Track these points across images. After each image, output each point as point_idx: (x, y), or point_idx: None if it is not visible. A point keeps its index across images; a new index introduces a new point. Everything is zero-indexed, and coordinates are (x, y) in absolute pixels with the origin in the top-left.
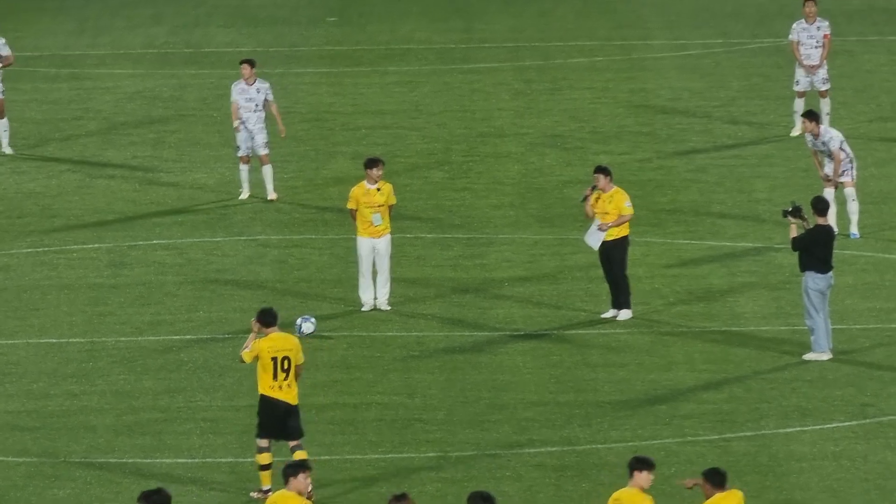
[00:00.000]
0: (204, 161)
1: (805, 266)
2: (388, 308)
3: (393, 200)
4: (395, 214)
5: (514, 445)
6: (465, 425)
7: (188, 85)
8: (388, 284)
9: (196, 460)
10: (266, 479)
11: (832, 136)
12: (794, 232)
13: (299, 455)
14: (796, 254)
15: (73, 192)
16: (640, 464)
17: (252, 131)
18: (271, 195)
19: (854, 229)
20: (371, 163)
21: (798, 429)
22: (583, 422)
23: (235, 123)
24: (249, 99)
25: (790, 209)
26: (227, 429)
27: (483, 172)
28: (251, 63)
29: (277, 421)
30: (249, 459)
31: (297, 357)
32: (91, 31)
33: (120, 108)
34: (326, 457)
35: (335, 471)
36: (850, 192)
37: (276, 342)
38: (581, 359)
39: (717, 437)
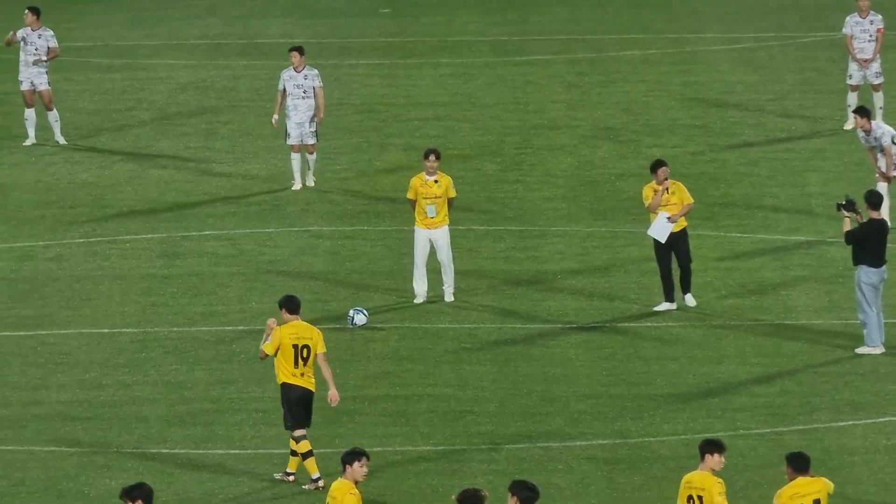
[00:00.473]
0: (256, 152)
1: (858, 260)
2: (452, 300)
3: (452, 193)
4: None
5: (566, 438)
6: (516, 417)
7: (241, 76)
8: (452, 277)
9: (248, 451)
10: (313, 466)
11: (884, 131)
12: (847, 226)
13: (305, 445)
14: (849, 247)
15: (125, 182)
16: (712, 446)
17: (302, 119)
18: (310, 181)
19: None
20: (425, 153)
21: (850, 423)
22: (635, 415)
23: (275, 118)
24: (298, 86)
25: (844, 203)
26: (279, 420)
27: (536, 165)
28: (300, 50)
29: (304, 408)
30: None
31: (319, 345)
32: (146, 21)
33: (173, 98)
34: (378, 448)
35: (387, 462)
36: None
37: (298, 329)
38: (633, 351)
39: (769, 430)
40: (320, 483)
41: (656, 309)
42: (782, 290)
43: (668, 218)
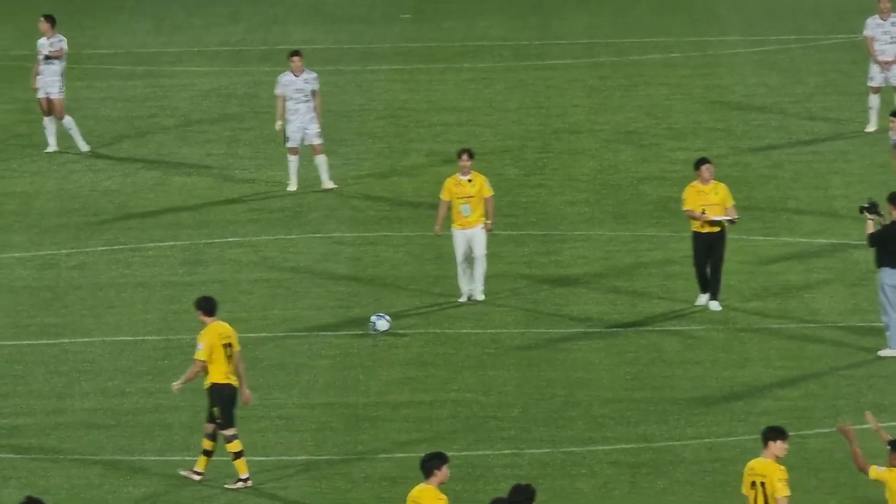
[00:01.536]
0: (278, 158)
1: (881, 262)
2: (482, 298)
3: (487, 192)
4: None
5: (589, 442)
6: (539, 422)
7: (263, 82)
8: (482, 275)
9: (271, 458)
10: (244, 466)
11: None
12: (870, 228)
13: (238, 445)
14: (872, 250)
15: (148, 189)
16: (775, 433)
17: (304, 122)
18: (327, 184)
19: None
20: (459, 153)
21: None
22: (658, 419)
23: (278, 125)
24: (298, 90)
25: (867, 205)
26: (303, 426)
27: (558, 169)
28: (300, 54)
29: (234, 406)
30: (325, 457)
31: (237, 343)
32: (168, 29)
33: (195, 105)
34: (401, 454)
35: (409, 468)
36: None
37: (223, 329)
38: (657, 355)
39: (793, 433)
40: (249, 483)
41: (697, 304)
42: (806, 292)
43: (730, 220)
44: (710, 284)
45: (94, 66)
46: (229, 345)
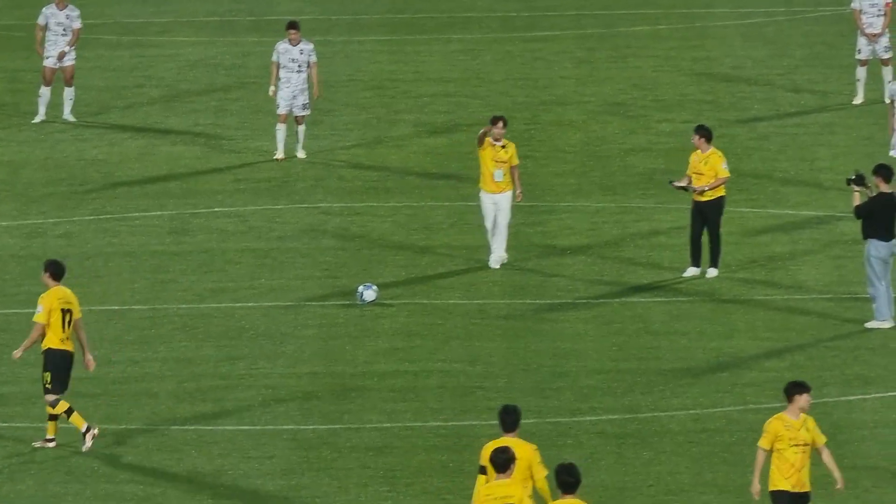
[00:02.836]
0: (265, 129)
1: (867, 234)
2: (497, 266)
3: (515, 161)
4: (456, 183)
5: (576, 413)
6: (526, 393)
7: (251, 52)
8: (504, 243)
9: (257, 427)
10: (80, 420)
11: None
12: (857, 200)
13: (64, 405)
14: (859, 222)
15: (135, 159)
16: (798, 387)
17: (294, 91)
18: (301, 153)
19: None
20: (492, 120)
21: (860, 397)
22: (644, 389)
23: (271, 90)
24: (293, 59)
25: (853, 177)
26: (289, 396)
27: (545, 140)
28: (296, 26)
29: (68, 372)
30: (311, 427)
31: (77, 310)
32: None
33: (182, 75)
34: (388, 424)
35: (396, 438)
36: None
37: (64, 294)
38: (643, 326)
39: (778, 405)
40: (53, 444)
41: (685, 275)
42: (792, 264)
43: (694, 188)
44: (710, 253)
45: (82, 37)
46: (69, 310)
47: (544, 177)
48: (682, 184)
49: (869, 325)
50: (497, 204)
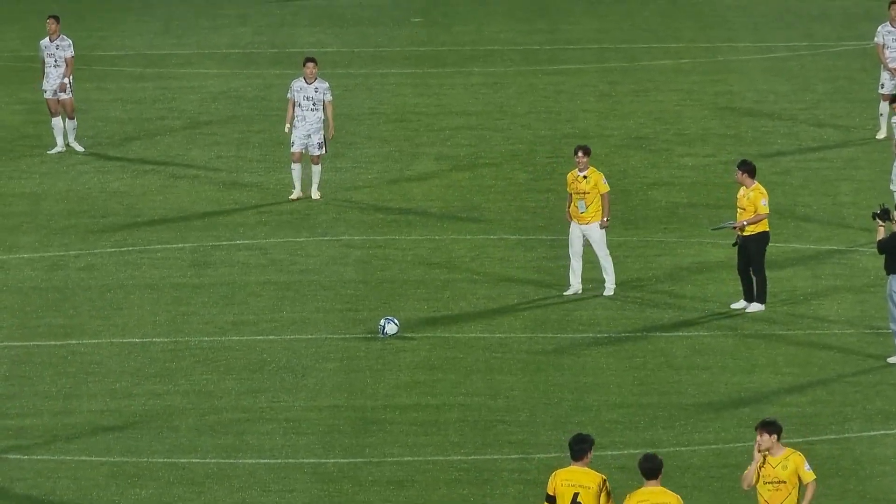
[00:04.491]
0: (288, 161)
1: (890, 269)
2: (611, 294)
3: (603, 189)
4: (479, 216)
5: (598, 447)
6: (547, 427)
7: (273, 85)
8: (610, 272)
9: (278, 461)
10: None
11: None
12: (880, 234)
13: None
14: (882, 257)
15: (156, 191)
16: (760, 426)
17: (309, 130)
18: (315, 195)
19: None
20: (575, 149)
21: (882, 432)
22: (666, 424)
23: (287, 128)
24: (308, 98)
25: (878, 212)
26: (310, 429)
27: (567, 174)
28: (315, 61)
29: None
30: (332, 460)
31: None
32: (176, 30)
33: (204, 107)
34: (409, 458)
35: (417, 472)
36: None
37: None
38: (664, 361)
39: (800, 440)
40: None
41: (733, 307)
42: (814, 299)
43: (733, 225)
44: (755, 288)
45: (104, 68)
46: None
47: (566, 211)
48: (722, 225)
49: (891, 360)
50: (586, 235)
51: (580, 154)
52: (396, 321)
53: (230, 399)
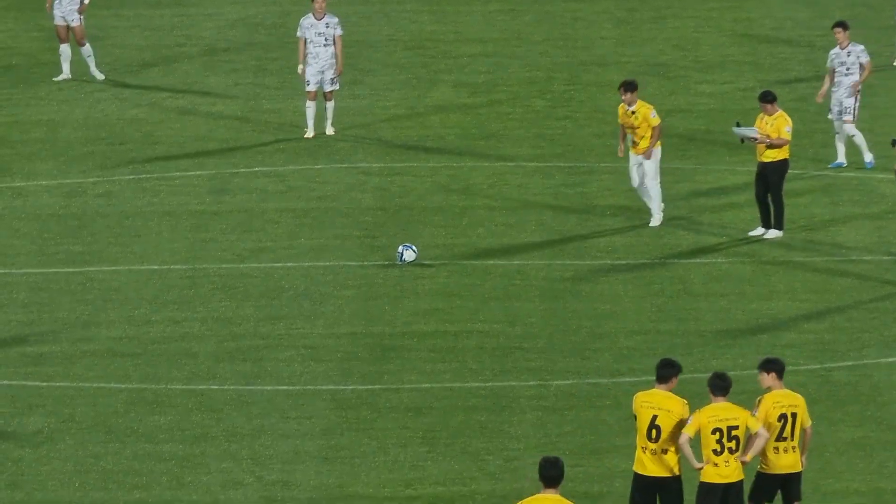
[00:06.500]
0: (304, 93)
1: None
2: (657, 224)
3: (653, 122)
4: (496, 143)
5: (615, 374)
6: (565, 354)
7: (290, 12)
8: (657, 202)
9: (297, 387)
10: None
11: None
12: None
13: None
14: None
15: (174, 118)
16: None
17: (322, 66)
18: (329, 130)
19: None
20: (619, 86)
21: None
22: (684, 351)
23: (300, 68)
24: (319, 34)
25: None
26: (328, 356)
27: (585, 101)
28: None
29: None
30: (350, 387)
31: None
32: None
33: (222, 34)
34: (427, 384)
35: (435, 398)
36: None
37: None
38: (682, 288)
39: (818, 366)
40: None
41: (751, 234)
42: (832, 226)
43: (755, 138)
44: (773, 215)
45: None
46: None
47: (584, 138)
48: (745, 131)
49: None
50: (640, 165)
51: (622, 90)
52: (415, 248)
53: (248, 326)
